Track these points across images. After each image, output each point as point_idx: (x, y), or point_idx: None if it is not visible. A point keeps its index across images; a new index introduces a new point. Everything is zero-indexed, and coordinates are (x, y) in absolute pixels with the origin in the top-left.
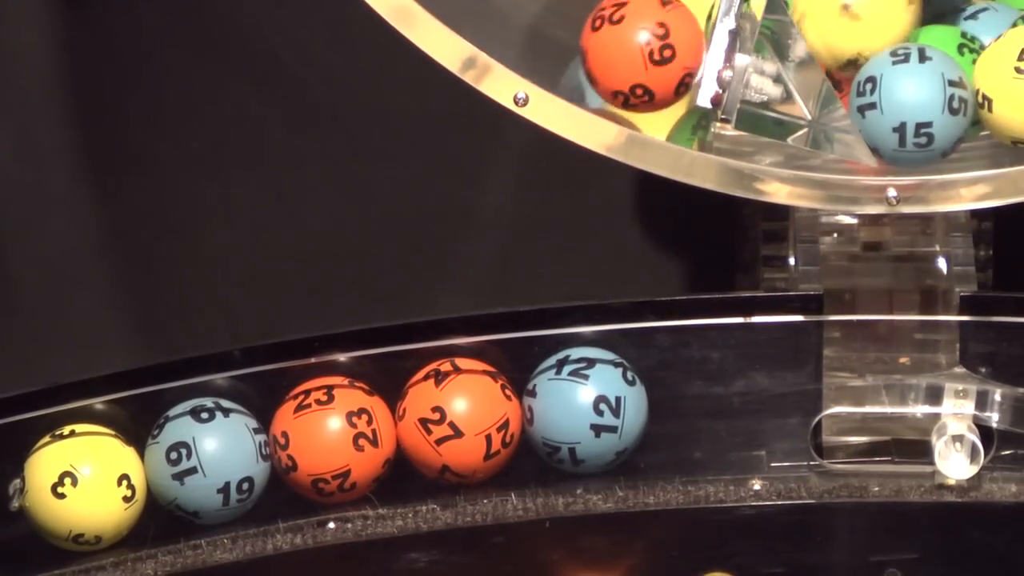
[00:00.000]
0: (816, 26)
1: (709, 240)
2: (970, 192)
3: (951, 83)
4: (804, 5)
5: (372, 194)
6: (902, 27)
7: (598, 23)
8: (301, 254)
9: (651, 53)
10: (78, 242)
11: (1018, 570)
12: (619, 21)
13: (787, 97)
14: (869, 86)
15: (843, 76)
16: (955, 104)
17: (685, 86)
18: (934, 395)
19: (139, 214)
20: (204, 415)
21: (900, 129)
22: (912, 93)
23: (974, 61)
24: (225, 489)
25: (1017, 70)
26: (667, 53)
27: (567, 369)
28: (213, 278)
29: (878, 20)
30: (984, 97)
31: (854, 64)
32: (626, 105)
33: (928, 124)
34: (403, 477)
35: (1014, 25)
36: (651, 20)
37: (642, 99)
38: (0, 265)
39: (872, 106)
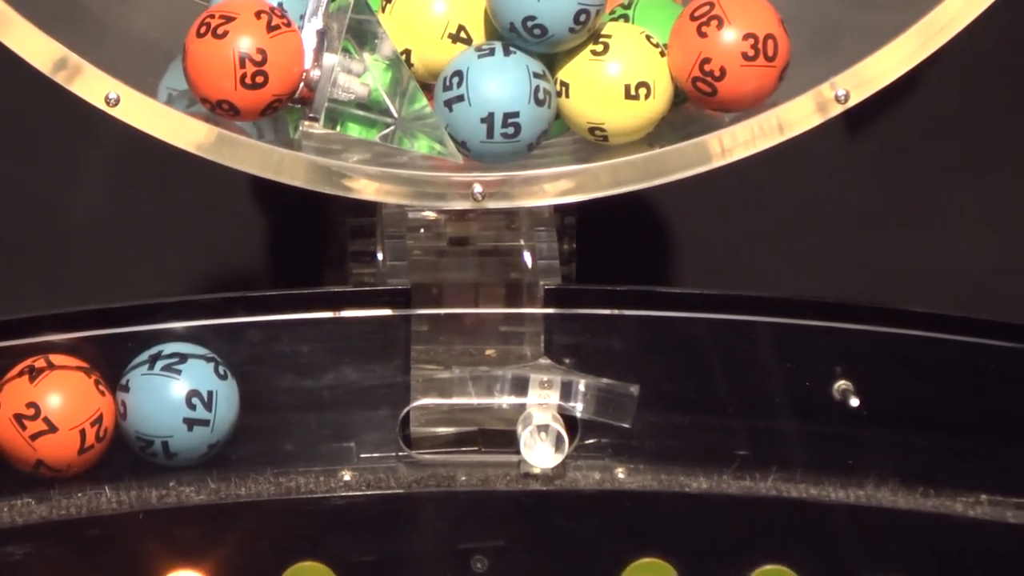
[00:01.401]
0: (423, 56)
1: (299, 236)
2: (553, 187)
3: (535, 75)
4: (408, 41)
5: None
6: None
7: (203, 30)
8: None
9: (243, 77)
10: None
11: (601, 555)
12: (222, 36)
13: (374, 95)
14: (456, 80)
15: None
16: (540, 95)
17: (273, 108)
18: (520, 386)
19: None
20: None
21: (488, 120)
22: (499, 84)
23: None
24: None
25: (593, 52)
26: (259, 79)
27: (159, 364)
28: None
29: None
30: (562, 84)
31: None
32: (212, 111)
33: (515, 114)
34: None
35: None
36: (251, 45)
37: (228, 113)
38: None
39: (460, 99)
